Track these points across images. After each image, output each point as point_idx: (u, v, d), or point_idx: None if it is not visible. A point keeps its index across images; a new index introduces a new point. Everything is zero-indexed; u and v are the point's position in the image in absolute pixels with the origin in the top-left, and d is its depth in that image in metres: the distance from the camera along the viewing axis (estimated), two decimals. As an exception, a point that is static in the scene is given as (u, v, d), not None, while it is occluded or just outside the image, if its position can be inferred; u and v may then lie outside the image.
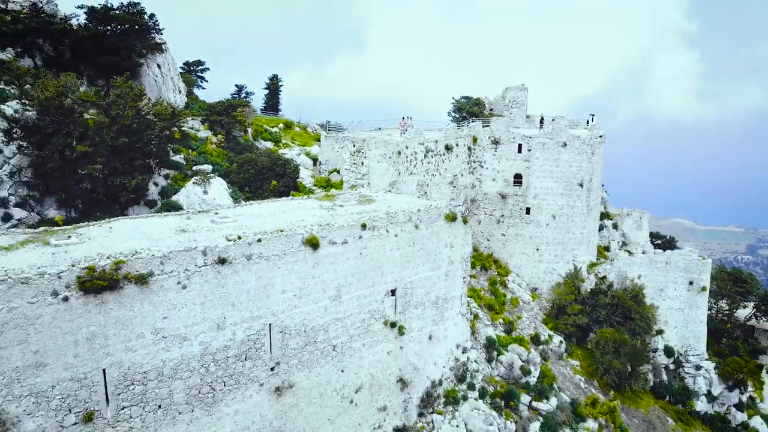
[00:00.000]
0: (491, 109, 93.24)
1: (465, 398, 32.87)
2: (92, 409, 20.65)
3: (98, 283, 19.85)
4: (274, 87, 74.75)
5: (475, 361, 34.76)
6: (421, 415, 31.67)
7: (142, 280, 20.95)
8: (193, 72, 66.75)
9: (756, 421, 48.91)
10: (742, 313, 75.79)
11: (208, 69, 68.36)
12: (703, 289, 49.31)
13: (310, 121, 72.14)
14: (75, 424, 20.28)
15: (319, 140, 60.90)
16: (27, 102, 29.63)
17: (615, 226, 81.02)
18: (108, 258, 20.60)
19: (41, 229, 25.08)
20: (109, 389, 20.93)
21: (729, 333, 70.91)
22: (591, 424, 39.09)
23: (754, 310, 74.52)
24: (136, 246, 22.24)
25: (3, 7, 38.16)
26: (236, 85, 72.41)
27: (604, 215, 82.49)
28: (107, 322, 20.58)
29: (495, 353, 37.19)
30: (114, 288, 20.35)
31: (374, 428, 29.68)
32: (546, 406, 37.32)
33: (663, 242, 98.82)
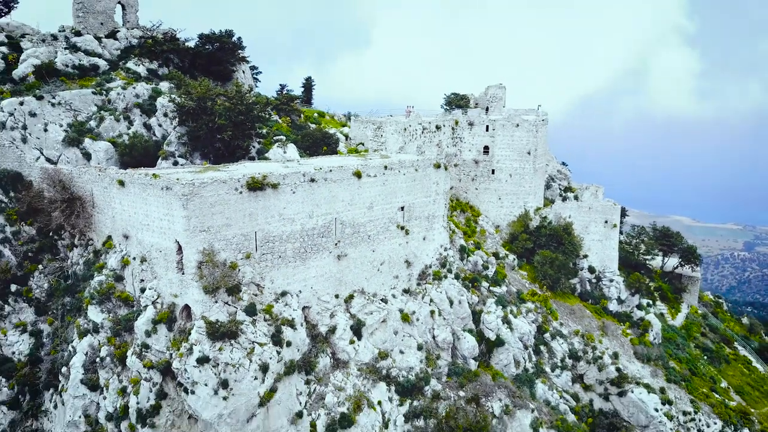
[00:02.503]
0: (476, 104, 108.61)
1: (446, 277, 49.36)
2: (249, 252, 37.17)
3: (255, 185, 36.26)
4: (308, 85, 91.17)
5: (452, 257, 51.32)
6: (418, 284, 48.23)
7: (274, 186, 37.38)
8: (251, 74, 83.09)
9: (651, 317, 65.14)
10: (671, 262, 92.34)
11: (261, 72, 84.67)
12: (614, 226, 65.70)
13: (336, 112, 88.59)
14: (242, 258, 36.80)
15: (343, 125, 77.41)
16: (185, 95, 45.95)
17: (576, 198, 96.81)
18: (259, 173, 37.13)
19: (204, 166, 41.66)
20: (257, 243, 37.49)
21: (660, 277, 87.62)
22: (530, 305, 55.66)
23: (680, 260, 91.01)
24: (263, 172, 38.73)
25: (150, 35, 54.72)
26: (280, 84, 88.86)
27: (568, 189, 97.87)
28: (257, 207, 37.00)
29: (465, 255, 53.77)
30: (262, 189, 36.73)
31: (392, 288, 46.24)
32: (499, 290, 53.90)
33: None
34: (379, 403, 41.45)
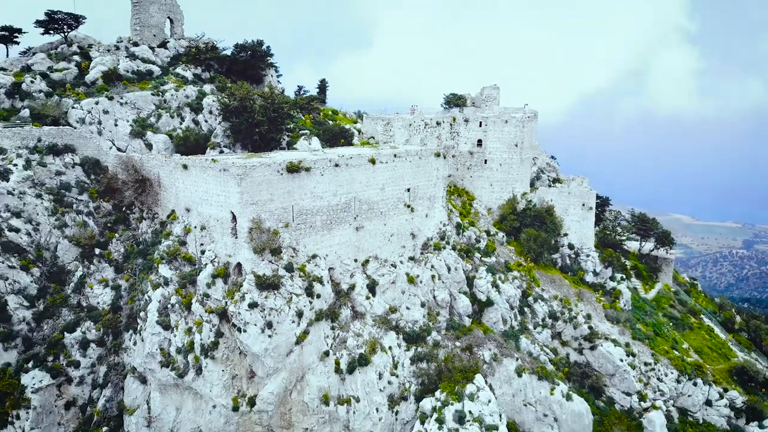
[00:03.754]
0: (473, 103, 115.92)
1: (444, 248, 57.08)
2: (288, 222, 44.95)
3: (293, 168, 44.01)
4: (322, 86, 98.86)
5: (450, 232, 59.10)
6: (421, 253, 56.02)
7: (307, 169, 45.16)
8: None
9: (622, 287, 72.85)
10: (648, 246, 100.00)
11: (281, 75, 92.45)
12: (590, 208, 73.39)
13: (348, 110, 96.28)
14: (282, 227, 44.55)
15: (354, 122, 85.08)
16: (230, 96, 53.71)
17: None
18: (295, 159, 44.92)
19: (247, 154, 49.52)
20: (294, 215, 45.29)
21: (638, 258, 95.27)
22: (515, 273, 63.44)
23: (655, 243, 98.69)
24: (298, 158, 46.51)
25: (196, 45, 62.58)
26: (298, 86, 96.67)
27: (556, 180, 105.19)
28: (294, 186, 44.78)
29: (461, 231, 61.54)
30: (298, 171, 44.48)
31: (400, 255, 53.99)
32: (489, 260, 61.70)
33: (600, 200, 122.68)
34: (390, 348, 49.25)
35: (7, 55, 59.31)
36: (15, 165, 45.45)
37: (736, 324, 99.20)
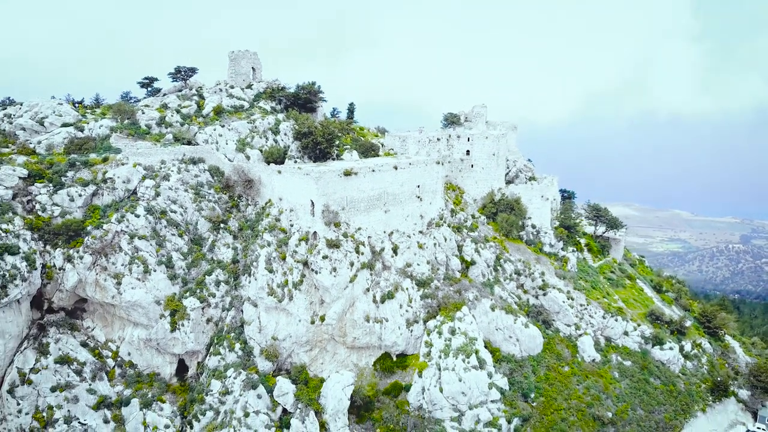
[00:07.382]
0: (466, 118, 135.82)
1: (442, 225, 77.77)
2: (344, 206, 65.58)
3: (347, 173, 64.63)
4: (351, 109, 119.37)
5: (446, 214, 79.84)
6: (427, 228, 76.72)
7: (355, 173, 65.66)
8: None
9: (569, 255, 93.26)
10: (601, 229, 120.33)
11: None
12: (547, 199, 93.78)
13: (371, 127, 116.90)
14: (341, 210, 65.27)
15: (376, 136, 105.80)
16: (301, 125, 74.28)
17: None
18: (349, 167, 65.64)
19: (315, 163, 70.39)
20: (347, 202, 66.04)
21: (594, 238, 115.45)
22: (492, 243, 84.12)
23: (606, 227, 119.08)
24: (350, 167, 67.20)
25: (270, 86, 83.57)
26: (333, 108, 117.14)
27: (531, 178, 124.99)
28: (347, 184, 65.40)
29: (454, 214, 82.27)
30: (350, 175, 65.10)
31: (413, 230, 74.49)
32: (473, 234, 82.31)
33: (567, 194, 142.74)
34: (407, 288, 69.79)
35: (146, 96, 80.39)
36: (172, 171, 66.47)
37: (666, 287, 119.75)
